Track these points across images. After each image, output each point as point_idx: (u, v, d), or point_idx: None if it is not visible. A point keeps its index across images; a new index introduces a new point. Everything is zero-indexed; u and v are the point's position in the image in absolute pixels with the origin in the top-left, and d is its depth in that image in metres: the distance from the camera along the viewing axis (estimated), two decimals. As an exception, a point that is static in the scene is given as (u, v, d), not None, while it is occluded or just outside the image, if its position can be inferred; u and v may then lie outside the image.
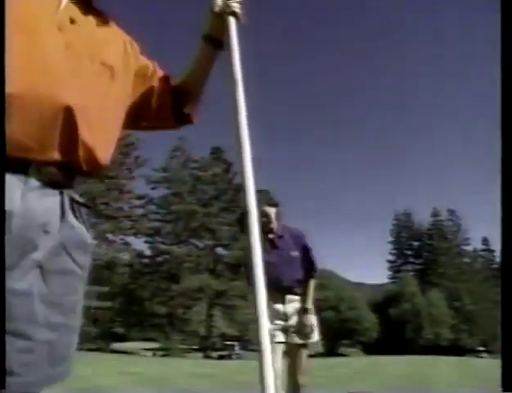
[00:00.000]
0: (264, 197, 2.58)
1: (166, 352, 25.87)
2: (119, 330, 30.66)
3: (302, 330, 2.52)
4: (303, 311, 2.56)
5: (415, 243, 55.75)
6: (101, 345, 27.33)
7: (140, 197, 28.92)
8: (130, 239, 27.68)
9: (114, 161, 27.36)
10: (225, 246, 28.25)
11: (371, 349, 37.86)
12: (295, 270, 2.59)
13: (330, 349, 36.22)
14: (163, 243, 28.31)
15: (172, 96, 1.06)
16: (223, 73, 1.05)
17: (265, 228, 2.57)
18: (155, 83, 1.02)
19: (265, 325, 0.89)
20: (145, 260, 29.03)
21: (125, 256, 27.70)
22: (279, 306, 2.53)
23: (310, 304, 2.58)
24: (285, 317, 2.52)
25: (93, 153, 0.79)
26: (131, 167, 28.35)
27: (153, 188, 29.76)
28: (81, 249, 0.78)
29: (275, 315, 2.49)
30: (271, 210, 2.60)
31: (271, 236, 2.61)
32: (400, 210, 58.80)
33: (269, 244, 2.60)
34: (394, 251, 56.63)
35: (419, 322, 39.55)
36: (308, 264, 2.64)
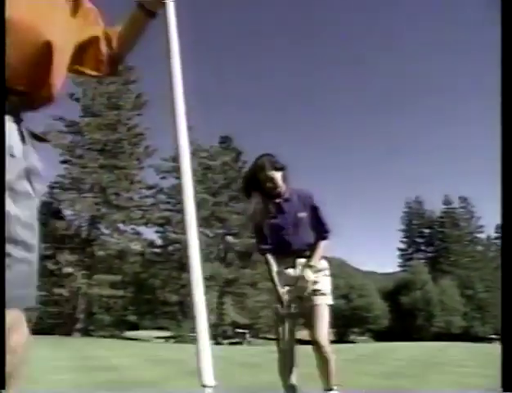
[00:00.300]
0: (269, 161, 2.54)
1: (178, 340, 26.23)
2: (132, 318, 31.16)
3: (300, 285, 2.43)
4: (304, 266, 2.48)
5: (427, 231, 55.22)
6: (114, 332, 27.83)
7: (150, 187, 29.09)
8: (141, 229, 27.94)
9: (124, 152, 27.53)
10: (235, 235, 28.35)
11: (382, 337, 37.83)
12: (304, 233, 2.52)
13: (341, 337, 36.32)
14: (173, 232, 28.52)
15: (106, 43, 1.10)
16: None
17: (272, 193, 2.54)
18: (92, 28, 1.06)
19: (203, 313, 0.89)
20: (157, 250, 29.30)
21: (136, 246, 27.99)
22: (290, 271, 2.49)
23: (313, 262, 2.47)
24: (296, 281, 2.45)
25: (51, 90, 0.82)
26: (140, 157, 28.48)
27: (162, 178, 29.91)
28: (38, 176, 0.82)
29: (286, 280, 2.45)
30: (277, 174, 2.54)
31: (277, 200, 2.56)
32: (411, 198, 58.20)
33: (276, 208, 2.56)
34: (405, 239, 56.22)
35: (430, 310, 39.35)
36: (318, 224, 2.55)
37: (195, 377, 0.95)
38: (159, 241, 29.15)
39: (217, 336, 26.90)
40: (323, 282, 2.54)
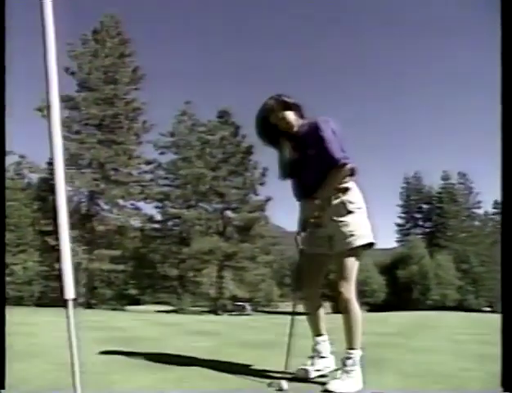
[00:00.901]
0: (277, 101, 2.39)
1: (179, 313, 26.80)
2: (133, 292, 31.64)
3: (311, 220, 2.34)
4: (313, 199, 2.32)
5: (425, 206, 55.50)
6: (115, 306, 28.36)
7: (148, 162, 28.99)
8: (140, 204, 28.04)
9: (122, 127, 27.27)
10: (234, 209, 28.50)
11: (378, 310, 38.69)
12: (317, 170, 2.32)
13: (338, 310, 37.08)
14: (173, 207, 28.65)
15: None
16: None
17: (289, 133, 2.42)
18: None
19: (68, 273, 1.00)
20: (156, 225, 29.49)
21: (136, 221, 28.17)
22: (308, 211, 2.39)
23: (321, 193, 2.30)
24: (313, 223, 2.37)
25: None
26: (138, 132, 28.26)
27: (161, 153, 29.78)
28: None
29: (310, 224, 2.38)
30: (289, 113, 2.39)
31: (292, 141, 2.42)
32: (410, 174, 58.17)
33: (291, 150, 2.43)
34: (404, 215, 56.55)
35: (426, 283, 40.06)
36: (327, 156, 2.26)
37: (192, 336, 1.01)
38: (158, 217, 29.33)
39: (217, 309, 27.44)
40: (346, 221, 2.27)
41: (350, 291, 2.28)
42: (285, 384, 2.15)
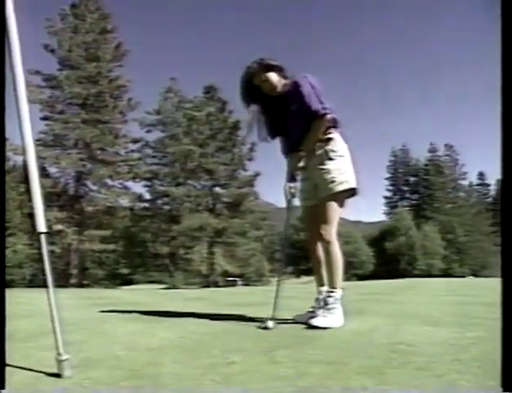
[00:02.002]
0: (260, 64, 2.46)
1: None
2: (125, 271, 31.80)
3: (297, 171, 2.47)
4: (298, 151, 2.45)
5: (412, 179, 56.24)
6: (108, 286, 28.55)
7: (135, 141, 28.67)
8: (129, 183, 27.88)
9: (107, 105, 26.78)
10: (223, 186, 28.54)
11: (367, 280, 39.65)
12: (300, 124, 2.42)
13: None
14: (161, 186, 28.55)
15: None
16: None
17: (273, 94, 2.49)
18: None
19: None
20: (145, 204, 29.43)
21: (125, 200, 28.06)
22: (294, 163, 2.51)
23: (305, 145, 2.42)
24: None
25: None
26: (123, 110, 27.81)
27: (148, 132, 29.43)
28: None
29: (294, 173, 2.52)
30: (272, 75, 2.46)
31: (276, 102, 2.51)
32: (397, 146, 58.61)
33: (276, 109, 2.53)
34: (391, 188, 57.28)
35: (413, 254, 41.05)
36: (307, 110, 2.35)
37: (182, 302, 1.14)
38: (147, 195, 29.24)
39: (209, 285, 27.85)
40: (328, 168, 2.39)
41: (331, 233, 2.41)
42: (271, 323, 2.28)
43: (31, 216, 1.39)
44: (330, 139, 2.44)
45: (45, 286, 1.36)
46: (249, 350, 1.69)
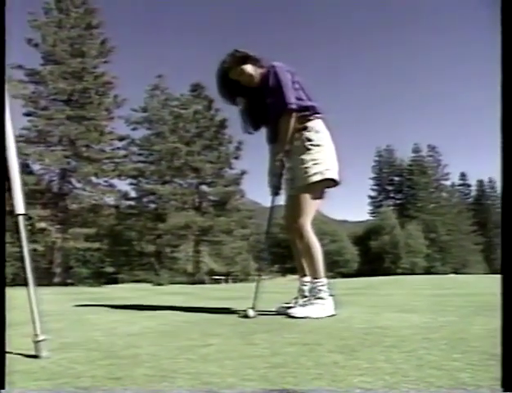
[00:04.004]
0: (234, 57, 2.45)
1: (156, 288, 26.93)
2: (110, 270, 31.50)
3: (276, 163, 2.42)
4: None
5: (397, 179, 57.05)
6: (93, 285, 28.19)
7: (121, 138, 28.36)
8: (114, 181, 27.58)
9: (92, 102, 26.42)
10: (209, 184, 28.49)
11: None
12: (275, 115, 2.38)
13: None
14: (147, 184, 28.35)
15: None
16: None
17: (251, 85, 2.49)
18: None
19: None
20: (131, 202, 29.19)
21: (110, 198, 27.74)
22: (273, 155, 2.53)
23: (279, 138, 2.39)
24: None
25: None
26: (109, 107, 27.47)
27: (134, 129, 29.17)
28: None
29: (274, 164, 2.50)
30: (247, 66, 2.44)
31: (254, 93, 2.50)
32: (382, 147, 59.37)
33: (255, 99, 2.52)
34: (376, 187, 57.98)
35: (397, 252, 41.67)
36: (279, 102, 2.33)
37: (167, 296, 1.16)
38: (133, 193, 29.00)
39: (195, 283, 27.77)
40: (304, 159, 2.34)
41: (303, 226, 2.34)
42: (251, 312, 2.29)
43: (12, 214, 1.41)
44: (305, 128, 2.38)
45: (25, 284, 1.38)
46: (228, 335, 1.72)
